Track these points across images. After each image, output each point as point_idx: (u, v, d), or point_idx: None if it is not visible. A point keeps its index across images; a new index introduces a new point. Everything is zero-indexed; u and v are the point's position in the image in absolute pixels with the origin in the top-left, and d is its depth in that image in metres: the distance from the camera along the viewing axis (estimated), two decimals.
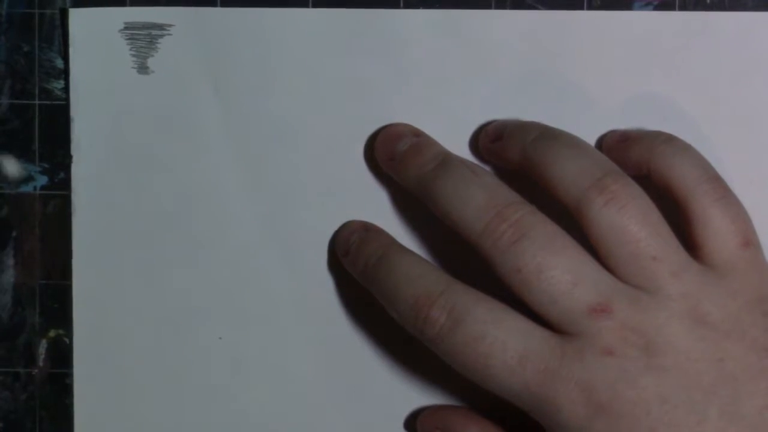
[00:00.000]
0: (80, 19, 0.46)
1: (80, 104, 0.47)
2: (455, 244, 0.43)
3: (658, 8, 0.46)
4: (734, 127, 0.46)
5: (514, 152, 0.44)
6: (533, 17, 0.46)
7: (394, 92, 0.46)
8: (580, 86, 0.46)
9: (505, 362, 0.41)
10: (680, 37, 0.46)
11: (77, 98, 0.47)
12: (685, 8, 0.46)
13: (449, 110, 0.46)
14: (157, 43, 0.46)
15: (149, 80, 0.46)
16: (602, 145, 0.46)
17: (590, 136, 0.46)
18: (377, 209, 0.47)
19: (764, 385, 0.40)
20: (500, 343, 0.41)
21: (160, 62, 0.46)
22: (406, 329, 0.43)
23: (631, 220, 0.41)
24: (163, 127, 0.47)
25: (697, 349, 0.40)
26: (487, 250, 0.42)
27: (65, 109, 0.47)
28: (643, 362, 0.40)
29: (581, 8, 0.46)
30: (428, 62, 0.46)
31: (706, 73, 0.46)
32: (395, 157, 0.45)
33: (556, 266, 0.41)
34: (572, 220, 0.42)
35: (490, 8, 0.46)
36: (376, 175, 0.47)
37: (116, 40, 0.46)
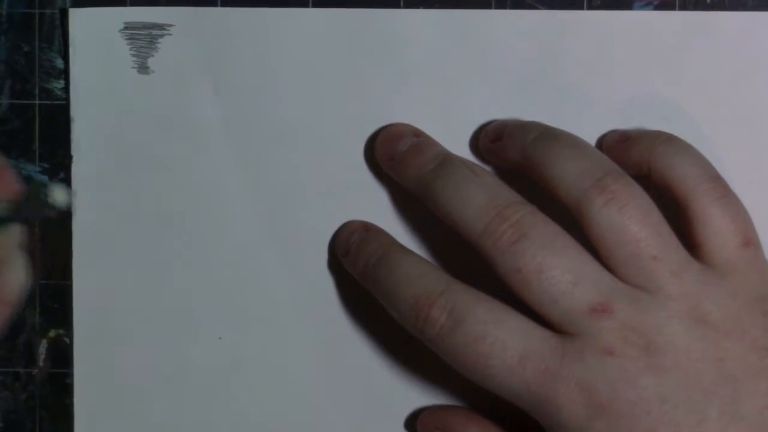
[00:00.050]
0: (80, 19, 0.46)
1: (80, 104, 0.47)
2: (455, 244, 0.43)
3: (658, 8, 0.46)
4: (734, 127, 0.46)
5: (514, 152, 0.44)
6: (533, 17, 0.46)
7: (394, 92, 0.46)
8: (580, 86, 0.46)
9: (505, 362, 0.41)
10: (680, 37, 0.46)
11: (77, 98, 0.46)
12: (685, 8, 0.46)
13: (449, 110, 0.46)
14: (157, 43, 0.46)
15: (149, 80, 0.46)
16: (602, 145, 0.46)
17: (590, 136, 0.46)
18: (377, 209, 0.47)
19: (764, 384, 0.40)
20: (501, 343, 0.41)
21: (160, 62, 0.46)
22: (406, 329, 0.43)
23: (631, 219, 0.41)
24: (163, 127, 0.47)
25: (697, 348, 0.40)
26: (487, 250, 0.42)
27: (65, 109, 0.47)
28: (643, 362, 0.40)
29: (581, 8, 0.46)
30: (428, 62, 0.46)
31: (706, 73, 0.46)
32: (395, 157, 0.45)
33: (556, 266, 0.41)
34: (572, 220, 0.42)
35: (490, 8, 0.46)
36: (376, 175, 0.47)
37: (116, 40, 0.46)
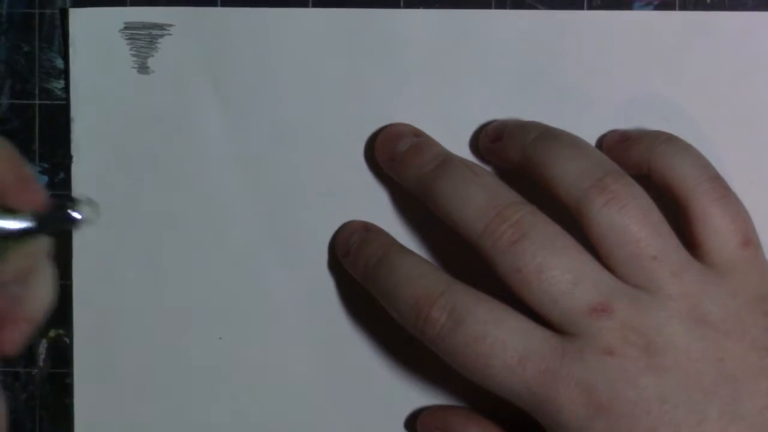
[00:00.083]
0: (80, 19, 0.46)
1: (80, 104, 0.47)
2: (455, 244, 0.43)
3: (658, 8, 0.46)
4: (734, 127, 0.46)
5: (514, 152, 0.44)
6: (533, 17, 0.46)
7: (394, 92, 0.46)
8: (580, 86, 0.46)
9: (505, 362, 0.41)
10: (680, 37, 0.46)
11: (77, 98, 0.46)
12: (685, 8, 0.46)
13: (449, 110, 0.46)
14: (157, 43, 0.46)
15: (149, 80, 0.46)
16: (602, 145, 0.46)
17: (590, 136, 0.46)
18: (377, 209, 0.47)
19: (764, 384, 0.40)
20: (501, 343, 0.41)
21: (160, 62, 0.46)
22: (406, 329, 0.43)
23: (631, 219, 0.41)
24: (163, 127, 0.47)
25: (697, 348, 0.40)
26: (487, 250, 0.42)
27: (65, 109, 0.47)
28: (643, 362, 0.40)
29: (581, 8, 0.46)
30: (428, 62, 0.46)
31: (706, 73, 0.46)
32: (395, 157, 0.45)
33: (556, 266, 0.41)
34: (572, 220, 0.42)
35: (490, 8, 0.46)
36: (376, 175, 0.47)
37: (116, 40, 0.46)
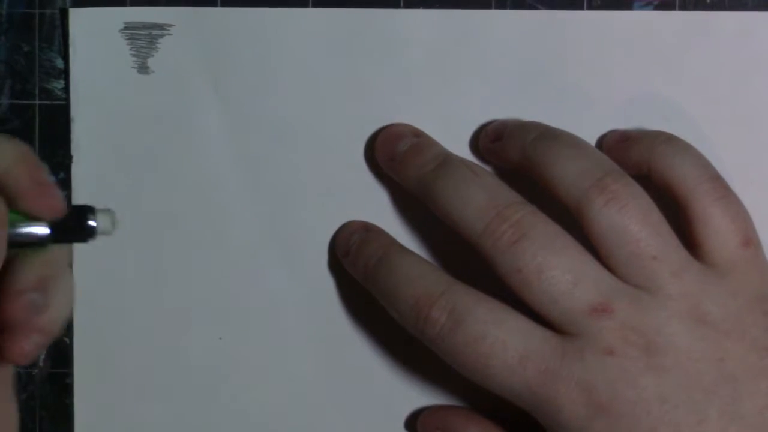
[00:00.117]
0: (80, 19, 0.46)
1: (80, 104, 0.46)
2: (456, 244, 0.43)
3: (658, 8, 0.46)
4: (734, 127, 0.46)
5: (514, 152, 0.44)
6: (533, 17, 0.46)
7: (394, 92, 0.46)
8: (580, 86, 0.46)
9: (505, 362, 0.41)
10: (680, 37, 0.46)
11: (77, 98, 0.46)
12: (685, 8, 0.46)
13: (449, 110, 0.46)
14: (157, 43, 0.46)
15: (149, 80, 0.46)
16: (602, 145, 0.46)
17: (590, 136, 0.46)
18: (377, 209, 0.46)
19: (765, 384, 0.40)
20: (501, 343, 0.41)
21: (160, 62, 0.46)
22: (406, 329, 0.43)
23: (631, 219, 0.41)
24: (163, 127, 0.47)
25: (697, 348, 0.40)
26: (487, 250, 0.42)
27: (65, 109, 0.47)
28: (643, 362, 0.40)
29: (581, 8, 0.46)
30: (428, 62, 0.46)
31: (706, 73, 0.46)
32: (395, 157, 0.45)
33: (556, 266, 0.41)
34: (572, 220, 0.42)
35: (490, 8, 0.46)
36: (376, 175, 0.47)
37: (116, 40, 0.46)
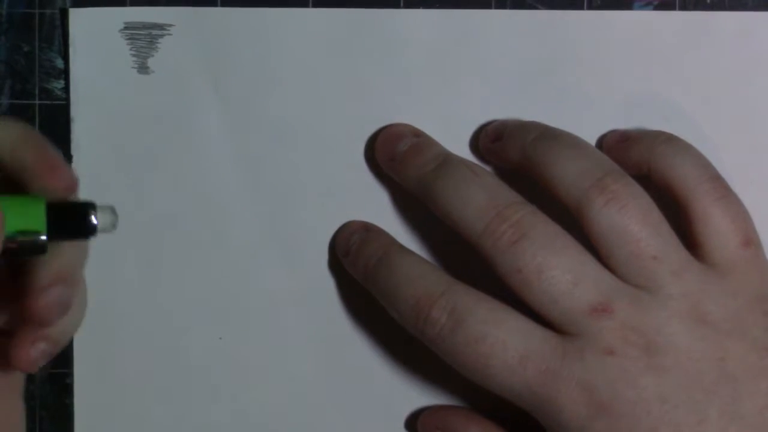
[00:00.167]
0: (80, 19, 0.46)
1: (80, 104, 0.46)
2: (456, 244, 0.43)
3: (658, 8, 0.46)
4: (734, 127, 0.46)
5: (514, 152, 0.44)
6: (533, 17, 0.46)
7: (394, 92, 0.46)
8: (580, 86, 0.46)
9: (506, 362, 0.41)
10: (680, 37, 0.46)
11: (77, 98, 0.46)
12: (685, 8, 0.46)
13: (449, 110, 0.46)
14: (157, 43, 0.46)
15: (149, 80, 0.46)
16: (602, 145, 0.46)
17: (590, 136, 0.46)
18: (377, 209, 0.46)
19: (765, 384, 0.40)
20: (501, 343, 0.41)
21: (160, 62, 0.46)
22: (406, 329, 0.43)
23: (631, 219, 0.41)
24: (163, 127, 0.47)
25: (697, 348, 0.40)
26: (487, 250, 0.42)
27: (65, 109, 0.47)
28: (643, 362, 0.40)
29: (581, 8, 0.46)
30: (428, 62, 0.46)
31: (706, 73, 0.46)
32: (395, 157, 0.45)
33: (556, 266, 0.41)
34: (572, 220, 0.42)
35: (490, 8, 0.46)
36: (376, 175, 0.47)
37: (116, 40, 0.46)
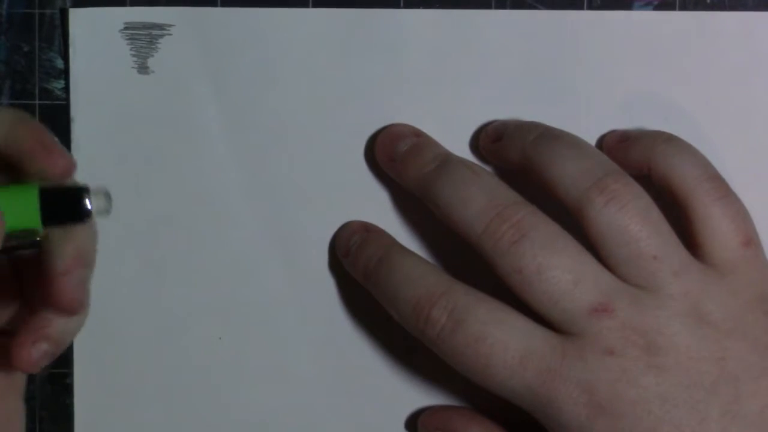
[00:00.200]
0: (80, 19, 0.46)
1: (80, 104, 0.46)
2: (455, 244, 0.43)
3: (658, 8, 0.46)
4: (734, 127, 0.46)
5: (514, 152, 0.44)
6: (533, 17, 0.46)
7: (394, 92, 0.46)
8: (580, 86, 0.46)
9: (506, 363, 0.41)
10: (680, 37, 0.46)
11: (77, 98, 0.46)
12: (685, 8, 0.46)
13: (449, 110, 0.46)
14: (157, 43, 0.46)
15: (149, 80, 0.46)
16: (602, 145, 0.46)
17: (590, 136, 0.46)
18: (378, 210, 0.46)
19: (766, 384, 0.40)
20: (501, 343, 0.41)
21: (160, 62, 0.46)
22: (406, 330, 0.43)
23: (631, 219, 0.41)
24: (163, 127, 0.47)
25: (698, 348, 0.40)
26: (487, 250, 0.42)
27: (65, 109, 0.47)
28: (644, 362, 0.40)
29: (581, 8, 0.46)
30: (428, 62, 0.46)
31: (706, 73, 0.46)
32: (396, 157, 0.45)
33: (556, 266, 0.41)
34: (572, 220, 0.42)
35: (490, 8, 0.46)
36: (376, 175, 0.47)
37: (116, 40, 0.46)
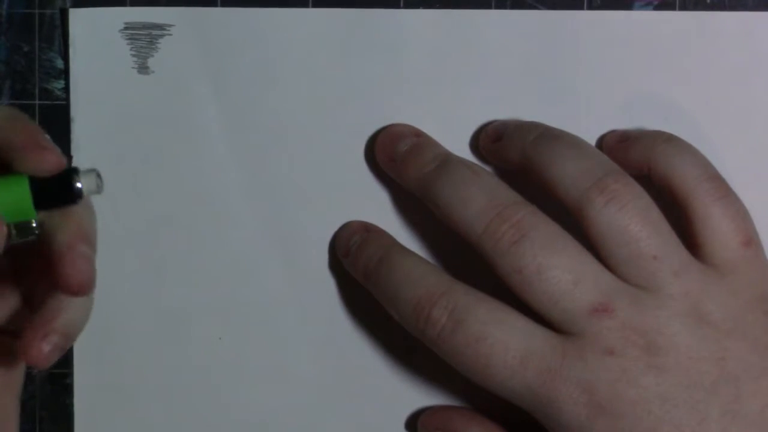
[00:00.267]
0: (80, 19, 0.46)
1: (80, 104, 0.46)
2: (455, 244, 0.43)
3: (658, 8, 0.46)
4: (734, 127, 0.46)
5: (514, 152, 0.44)
6: (533, 17, 0.46)
7: (394, 92, 0.46)
8: (580, 86, 0.46)
9: (506, 363, 0.41)
10: (680, 37, 0.46)
11: (77, 98, 0.46)
12: (685, 8, 0.46)
13: (449, 110, 0.46)
14: (157, 43, 0.46)
15: (149, 80, 0.46)
16: (602, 145, 0.46)
17: (590, 136, 0.46)
18: (378, 210, 0.46)
19: (766, 384, 0.40)
20: (501, 343, 0.41)
21: (160, 62, 0.46)
22: (407, 330, 0.43)
23: (631, 219, 0.41)
24: (163, 127, 0.47)
25: (698, 348, 0.40)
26: (487, 250, 0.42)
27: (65, 109, 0.47)
28: (644, 362, 0.40)
29: (581, 8, 0.46)
30: (428, 62, 0.46)
31: (706, 73, 0.46)
32: (396, 157, 0.45)
33: (557, 266, 0.41)
34: (572, 220, 0.42)
35: (490, 8, 0.46)
36: (376, 175, 0.47)
37: (116, 40, 0.46)
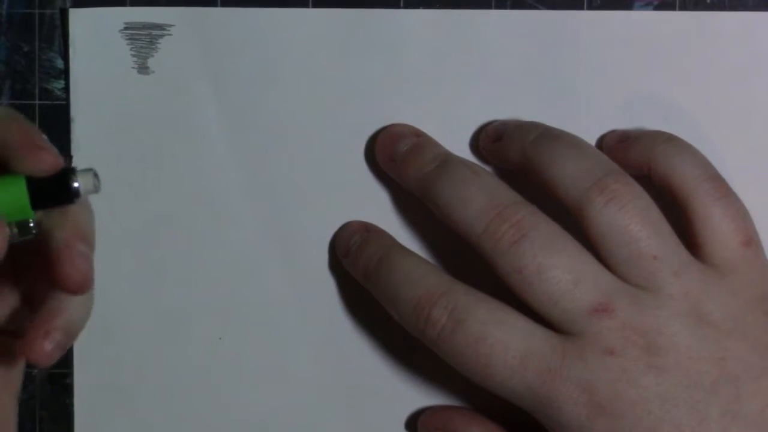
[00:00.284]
0: (80, 19, 0.46)
1: (80, 104, 0.46)
2: (456, 244, 0.43)
3: (658, 8, 0.46)
4: (734, 127, 0.46)
5: (514, 152, 0.44)
6: (533, 17, 0.46)
7: (394, 92, 0.46)
8: (580, 86, 0.46)
9: (506, 363, 0.41)
10: (680, 37, 0.46)
11: (77, 98, 0.46)
12: (685, 8, 0.46)
13: (449, 110, 0.46)
14: (157, 43, 0.46)
15: (149, 80, 0.46)
16: (602, 145, 0.46)
17: (590, 136, 0.46)
18: (378, 210, 0.46)
19: (766, 384, 0.40)
20: (501, 343, 0.41)
21: (160, 62, 0.46)
22: (407, 330, 0.43)
23: (631, 219, 0.41)
24: (163, 127, 0.47)
25: (698, 348, 0.40)
26: (487, 250, 0.42)
27: (65, 109, 0.47)
28: (644, 362, 0.40)
29: (581, 8, 0.46)
30: (428, 62, 0.46)
31: (706, 73, 0.46)
32: (396, 157, 0.45)
33: (557, 266, 0.41)
34: (572, 220, 0.42)
35: (490, 8, 0.46)
36: (376, 175, 0.47)
37: (116, 40, 0.46)
